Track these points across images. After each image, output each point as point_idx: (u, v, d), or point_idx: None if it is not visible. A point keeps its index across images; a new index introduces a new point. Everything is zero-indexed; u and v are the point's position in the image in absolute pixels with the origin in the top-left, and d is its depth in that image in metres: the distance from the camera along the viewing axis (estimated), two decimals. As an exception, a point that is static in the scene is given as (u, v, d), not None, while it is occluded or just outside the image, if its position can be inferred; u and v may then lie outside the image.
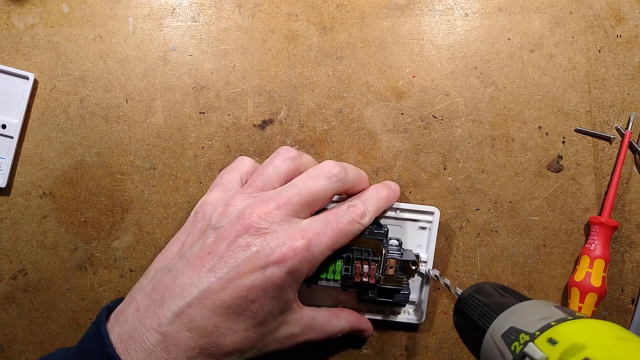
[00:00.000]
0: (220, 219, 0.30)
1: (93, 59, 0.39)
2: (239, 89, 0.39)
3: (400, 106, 0.39)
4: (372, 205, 0.33)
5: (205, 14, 0.40)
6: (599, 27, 0.39)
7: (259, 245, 0.28)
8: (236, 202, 0.30)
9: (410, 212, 0.36)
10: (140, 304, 0.28)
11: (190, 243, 0.30)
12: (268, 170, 0.32)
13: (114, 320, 0.29)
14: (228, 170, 0.34)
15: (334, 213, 0.31)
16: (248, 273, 0.27)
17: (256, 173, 0.32)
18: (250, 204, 0.29)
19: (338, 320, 0.34)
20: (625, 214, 0.38)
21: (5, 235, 0.39)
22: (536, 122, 0.39)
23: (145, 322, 0.27)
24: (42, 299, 0.39)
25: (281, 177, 0.32)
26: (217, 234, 0.29)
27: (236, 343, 0.28)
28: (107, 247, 0.39)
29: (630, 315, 0.38)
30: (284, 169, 0.32)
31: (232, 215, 0.29)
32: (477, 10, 0.39)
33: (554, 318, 0.23)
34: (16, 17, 0.39)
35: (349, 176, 0.32)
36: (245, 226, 0.28)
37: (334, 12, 0.40)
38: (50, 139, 0.39)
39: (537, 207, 0.38)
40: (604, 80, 0.39)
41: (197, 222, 0.31)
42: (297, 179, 0.31)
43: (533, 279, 0.38)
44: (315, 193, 0.30)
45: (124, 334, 0.27)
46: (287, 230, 0.29)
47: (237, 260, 0.28)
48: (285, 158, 0.32)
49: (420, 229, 0.37)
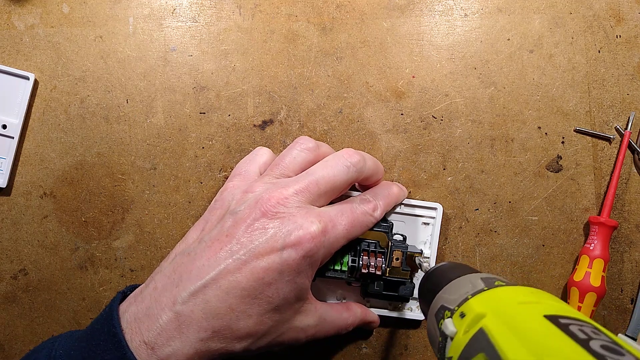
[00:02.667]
0: (238, 204, 0.30)
1: (93, 59, 0.39)
2: (239, 89, 0.39)
3: (400, 106, 0.39)
4: (383, 200, 0.33)
5: (205, 14, 0.40)
6: (599, 27, 0.39)
7: (276, 228, 0.28)
8: (254, 188, 0.31)
9: (413, 208, 0.37)
10: (158, 284, 0.28)
11: (209, 228, 0.30)
12: (286, 160, 0.32)
13: (131, 299, 0.29)
14: (246, 161, 0.34)
15: (348, 204, 0.32)
16: (265, 255, 0.28)
17: (274, 162, 0.32)
18: (268, 189, 0.30)
19: (348, 313, 0.34)
20: (624, 214, 0.38)
21: (6, 235, 0.39)
22: (536, 122, 0.39)
23: (161, 301, 0.27)
24: (43, 298, 0.39)
25: (298, 167, 0.32)
26: (235, 218, 0.29)
27: (250, 327, 0.28)
28: (108, 247, 0.39)
29: (629, 315, 0.38)
30: (302, 159, 0.32)
31: (250, 201, 0.30)
32: (476, 10, 0.39)
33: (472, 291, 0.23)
34: (16, 18, 0.40)
35: (367, 165, 0.32)
36: (263, 210, 0.29)
37: (334, 12, 0.40)
38: (51, 139, 0.39)
39: (536, 207, 0.39)
40: (603, 80, 0.39)
41: (216, 209, 0.31)
42: (315, 166, 0.31)
43: (532, 279, 0.38)
44: (333, 181, 0.31)
45: (140, 312, 0.27)
46: (304, 215, 0.29)
47: (254, 243, 0.28)
48: (303, 148, 0.32)
49: (423, 225, 0.37)
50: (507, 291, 0.22)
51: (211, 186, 0.39)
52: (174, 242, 0.39)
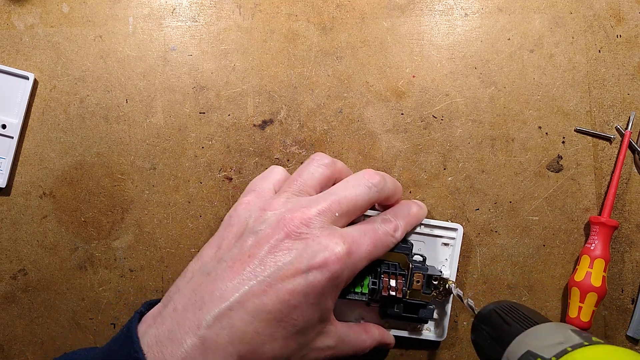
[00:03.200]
0: (257, 222, 0.29)
1: (93, 59, 0.39)
2: (239, 89, 0.39)
3: (400, 106, 0.39)
4: (404, 220, 0.33)
5: (205, 14, 0.40)
6: (599, 27, 0.39)
7: (301, 249, 0.28)
8: (273, 206, 0.30)
9: (433, 228, 0.36)
10: (178, 305, 0.28)
11: (227, 246, 0.30)
12: (304, 176, 0.32)
13: (150, 320, 0.28)
14: (261, 178, 0.34)
15: (370, 224, 0.31)
16: (290, 277, 0.27)
17: (292, 179, 0.32)
18: (290, 209, 0.29)
19: (367, 335, 0.33)
20: (625, 214, 0.38)
21: (5, 235, 0.39)
22: (536, 122, 0.39)
23: (184, 324, 0.26)
24: (42, 299, 0.39)
25: (316, 184, 0.32)
26: (256, 237, 0.28)
27: (275, 351, 0.27)
28: (107, 247, 0.39)
29: (629, 315, 0.38)
30: (320, 175, 0.32)
31: (270, 220, 0.29)
32: (477, 10, 0.39)
33: (570, 343, 0.22)
34: (16, 17, 0.39)
35: (387, 186, 0.32)
36: (286, 231, 0.28)
37: (334, 12, 0.40)
38: (51, 139, 0.39)
39: (537, 207, 0.38)
40: (604, 80, 0.39)
41: (232, 226, 0.30)
42: (336, 186, 0.31)
43: (533, 279, 0.38)
44: (355, 202, 0.30)
45: (161, 334, 0.26)
46: (327, 236, 0.28)
47: (278, 264, 0.27)
48: (320, 164, 0.32)
49: (443, 245, 0.37)
50: (616, 351, 0.22)
51: (211, 186, 0.39)
52: (173, 242, 0.39)
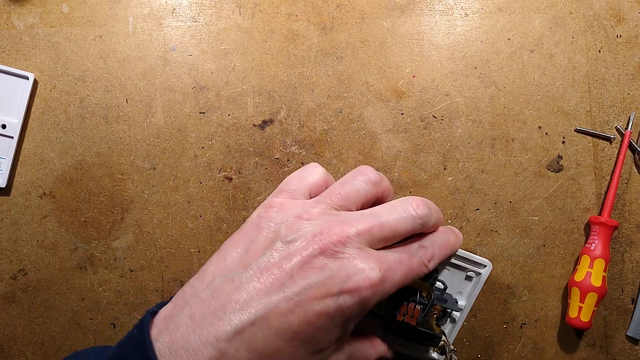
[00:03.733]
0: (291, 231, 0.28)
1: (93, 59, 0.39)
2: (239, 89, 0.39)
3: (400, 106, 0.39)
4: (440, 251, 0.31)
5: (205, 14, 0.40)
6: (599, 27, 0.39)
7: (335, 269, 0.26)
8: (310, 216, 0.28)
9: (463, 260, 0.35)
10: (195, 312, 0.26)
11: (255, 252, 0.28)
12: (347, 190, 0.30)
13: (161, 324, 0.26)
14: (297, 178, 0.31)
15: (406, 250, 0.29)
16: (320, 298, 0.26)
17: (332, 189, 0.30)
18: (328, 224, 0.27)
19: (373, 350, 0.32)
20: (625, 214, 0.38)
21: (5, 235, 0.39)
22: (536, 122, 0.39)
23: (201, 334, 0.25)
24: (42, 299, 0.39)
25: (359, 201, 0.30)
26: (288, 248, 0.27)
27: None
28: (107, 247, 0.39)
29: (629, 315, 0.38)
30: (365, 194, 0.30)
31: (305, 231, 0.27)
32: (477, 10, 0.39)
33: None
34: (16, 17, 0.39)
35: (431, 220, 0.30)
36: (322, 247, 0.26)
37: (334, 12, 0.40)
38: (50, 139, 0.39)
39: (537, 207, 0.38)
40: (604, 80, 0.39)
41: (262, 229, 0.28)
42: (380, 208, 0.29)
43: (533, 279, 0.38)
44: (397, 230, 0.28)
45: (175, 343, 0.25)
46: (364, 258, 0.27)
47: (309, 282, 0.26)
48: (367, 180, 0.30)
49: (466, 279, 0.35)
50: None
51: (211, 186, 0.39)
52: (173, 242, 0.39)
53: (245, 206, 0.39)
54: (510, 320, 0.38)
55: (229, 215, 0.39)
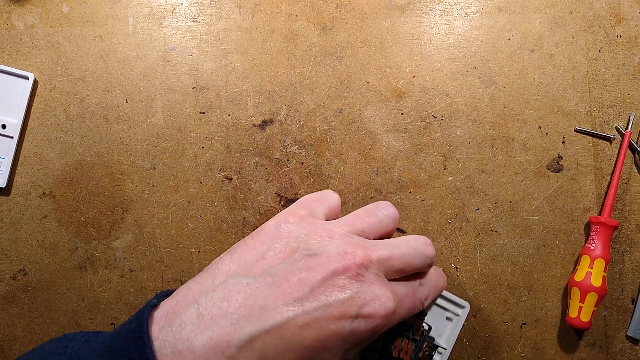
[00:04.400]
0: (315, 245, 0.27)
1: (93, 59, 0.39)
2: (239, 89, 0.39)
3: (400, 106, 0.39)
4: (433, 291, 0.32)
5: (205, 14, 0.40)
6: (599, 27, 0.39)
7: (355, 292, 0.26)
8: (334, 234, 0.28)
9: (442, 299, 0.35)
10: (204, 311, 0.25)
11: (273, 259, 0.27)
12: (371, 219, 0.30)
13: (162, 320, 0.25)
14: (316, 199, 0.32)
15: (411, 287, 0.30)
16: (336, 318, 0.25)
17: (356, 215, 0.30)
18: (352, 245, 0.27)
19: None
20: (625, 214, 0.38)
21: (5, 235, 0.39)
22: (536, 122, 0.39)
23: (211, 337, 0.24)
24: (42, 299, 0.39)
25: (378, 232, 0.30)
26: (310, 262, 0.26)
27: None
28: (107, 247, 0.39)
29: (629, 315, 0.38)
30: (385, 227, 0.31)
31: (329, 248, 0.27)
32: (477, 10, 0.39)
33: None
34: (16, 17, 0.39)
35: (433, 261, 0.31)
36: (345, 266, 0.26)
37: (334, 12, 0.40)
38: (50, 139, 0.39)
39: (537, 207, 0.38)
40: (604, 80, 0.39)
41: (282, 239, 0.28)
42: (399, 241, 0.30)
43: (533, 279, 0.38)
44: (409, 264, 0.29)
45: (179, 343, 0.24)
46: (381, 286, 0.27)
47: (328, 299, 0.25)
48: (388, 215, 0.31)
49: (446, 319, 0.36)
50: None
51: (211, 186, 0.39)
52: (173, 242, 0.39)
53: (245, 206, 0.39)
54: (510, 320, 0.38)
55: (229, 215, 0.39)
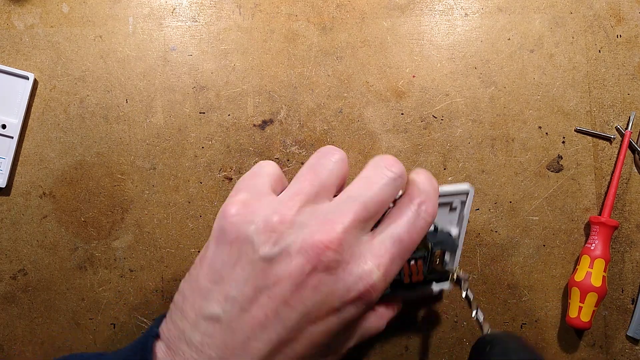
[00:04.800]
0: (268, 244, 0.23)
1: (93, 59, 0.39)
2: (239, 89, 0.39)
3: (400, 106, 0.39)
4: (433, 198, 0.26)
5: (205, 14, 0.40)
6: (599, 27, 0.39)
7: (332, 284, 0.23)
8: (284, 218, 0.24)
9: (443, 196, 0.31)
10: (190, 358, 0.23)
11: (229, 276, 0.24)
12: (321, 176, 0.26)
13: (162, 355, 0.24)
14: (251, 176, 0.27)
15: (405, 221, 0.25)
16: (322, 318, 0.24)
17: (303, 178, 0.26)
18: (310, 229, 0.23)
19: (381, 320, 0.29)
20: (625, 214, 0.38)
21: (5, 235, 0.39)
22: (536, 122, 0.39)
23: None
24: (42, 299, 0.39)
25: (333, 185, 0.26)
26: (272, 269, 0.23)
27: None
28: (107, 247, 0.39)
29: (629, 315, 0.38)
30: (337, 175, 0.26)
31: (288, 243, 0.23)
32: (477, 10, 0.39)
33: None
34: (16, 17, 0.39)
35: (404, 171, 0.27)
36: (313, 263, 0.23)
37: (334, 12, 0.40)
38: (50, 139, 0.39)
39: (537, 207, 0.38)
40: (604, 80, 0.39)
41: (228, 244, 0.24)
42: (357, 186, 0.25)
43: (533, 279, 0.38)
44: (382, 200, 0.25)
45: None
46: (360, 260, 0.24)
47: (307, 305, 0.23)
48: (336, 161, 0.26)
49: (451, 210, 0.32)
50: None
51: (211, 186, 0.39)
52: (173, 242, 0.39)
53: (245, 206, 0.39)
54: (510, 320, 0.38)
55: (229, 215, 0.39)
